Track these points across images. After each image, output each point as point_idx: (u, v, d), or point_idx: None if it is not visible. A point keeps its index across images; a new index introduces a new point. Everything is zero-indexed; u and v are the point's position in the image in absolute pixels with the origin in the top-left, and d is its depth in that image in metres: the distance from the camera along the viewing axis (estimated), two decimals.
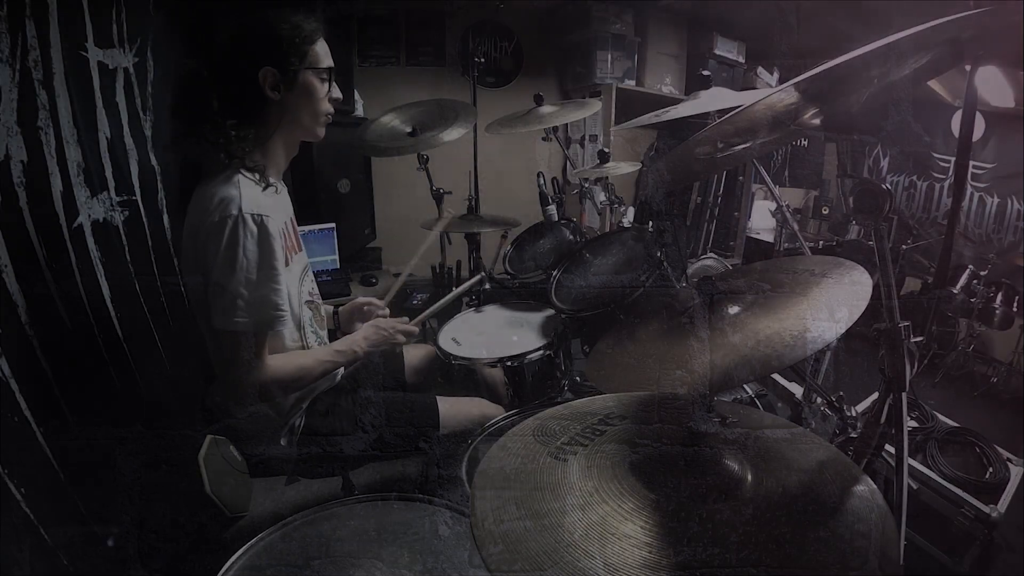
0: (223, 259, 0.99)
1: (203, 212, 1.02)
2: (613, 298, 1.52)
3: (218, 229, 0.99)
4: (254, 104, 1.08)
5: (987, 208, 4.01)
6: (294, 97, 1.11)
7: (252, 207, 1.01)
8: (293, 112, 1.12)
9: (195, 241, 1.04)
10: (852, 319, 0.80)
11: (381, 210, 3.07)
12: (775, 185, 4.07)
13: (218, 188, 1.02)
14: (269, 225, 1.02)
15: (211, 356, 1.10)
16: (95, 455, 1.13)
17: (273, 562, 0.85)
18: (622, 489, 0.60)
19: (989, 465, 1.64)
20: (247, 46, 1.07)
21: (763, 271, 1.12)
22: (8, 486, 0.88)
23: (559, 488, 0.61)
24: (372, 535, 0.90)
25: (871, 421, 0.84)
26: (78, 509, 1.05)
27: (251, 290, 1.01)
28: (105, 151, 1.40)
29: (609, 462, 0.64)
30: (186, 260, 1.11)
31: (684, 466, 0.62)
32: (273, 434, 1.17)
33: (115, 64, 1.48)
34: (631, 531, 0.54)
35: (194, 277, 1.07)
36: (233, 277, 1.00)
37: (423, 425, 1.30)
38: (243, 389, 1.07)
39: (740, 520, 0.56)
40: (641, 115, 1.67)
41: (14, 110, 1.05)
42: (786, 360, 0.79)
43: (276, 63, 1.06)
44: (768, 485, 0.61)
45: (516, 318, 1.79)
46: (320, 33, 1.12)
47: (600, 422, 0.74)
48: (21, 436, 0.95)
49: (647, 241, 1.58)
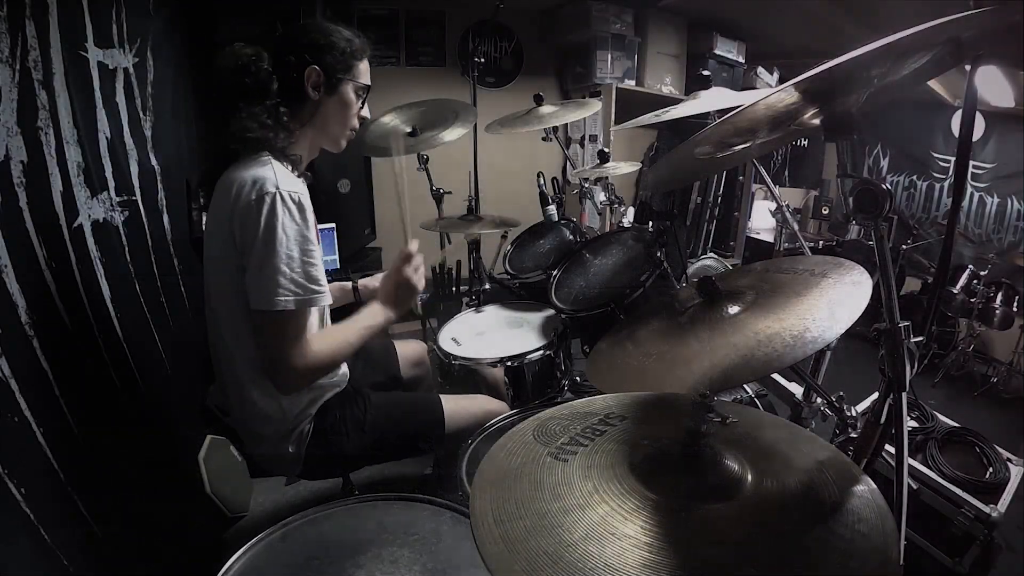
0: (263, 238, 0.99)
1: (236, 194, 1.01)
2: (613, 298, 1.52)
3: (256, 207, 0.99)
4: (294, 98, 1.12)
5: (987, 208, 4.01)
6: (331, 103, 1.16)
7: (288, 185, 1.02)
8: (326, 117, 1.17)
9: (227, 224, 1.03)
10: (852, 319, 0.80)
11: (381, 210, 3.08)
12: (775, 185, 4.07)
13: (252, 170, 1.02)
14: (304, 202, 1.03)
15: (255, 338, 1.06)
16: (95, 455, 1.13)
17: (273, 562, 0.85)
18: (622, 489, 0.60)
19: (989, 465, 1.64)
20: (303, 42, 1.11)
21: (763, 271, 1.13)
22: (8, 486, 0.88)
23: (559, 488, 0.61)
24: (372, 535, 0.89)
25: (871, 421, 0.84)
26: (78, 509, 1.05)
27: (292, 267, 1.00)
28: (105, 151, 1.40)
29: (609, 462, 0.64)
30: (213, 246, 1.09)
31: (684, 466, 0.62)
32: (280, 440, 1.16)
33: (115, 64, 1.48)
34: (631, 531, 0.54)
35: (223, 263, 1.06)
36: (274, 255, 0.98)
37: (428, 424, 1.30)
38: (290, 371, 1.03)
39: (740, 520, 0.56)
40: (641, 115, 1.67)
41: (14, 110, 1.05)
42: (786, 360, 0.79)
43: (324, 66, 1.12)
44: (768, 485, 0.61)
45: (516, 318, 1.79)
46: (368, 53, 1.19)
47: (600, 422, 0.74)
48: (21, 436, 0.95)
49: (647, 241, 1.58)
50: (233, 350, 1.11)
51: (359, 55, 1.17)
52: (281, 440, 1.16)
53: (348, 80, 1.16)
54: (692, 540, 0.54)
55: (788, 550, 0.54)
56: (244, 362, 1.11)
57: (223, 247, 1.05)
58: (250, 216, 0.99)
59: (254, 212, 0.98)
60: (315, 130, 1.18)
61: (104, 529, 1.10)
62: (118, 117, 1.49)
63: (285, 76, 1.10)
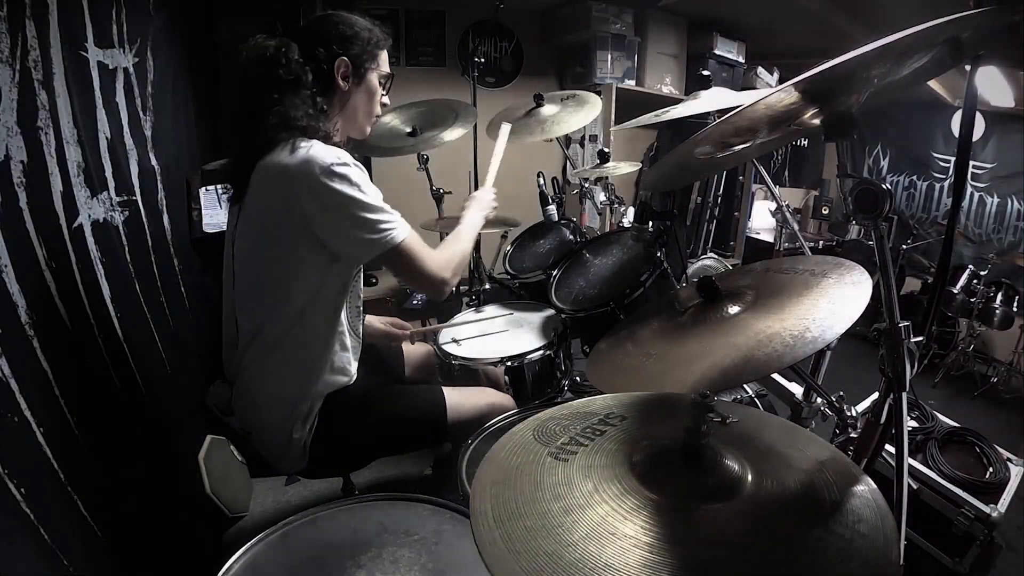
0: (349, 197, 1.05)
1: (296, 175, 1.03)
2: (613, 298, 1.52)
3: (328, 177, 1.03)
4: (325, 89, 1.16)
5: (987, 208, 4.01)
6: (359, 92, 1.21)
7: (341, 154, 1.07)
8: (355, 106, 1.22)
9: (284, 205, 1.06)
10: (852, 319, 0.80)
11: None
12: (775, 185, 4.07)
13: (300, 152, 1.05)
14: (355, 161, 1.09)
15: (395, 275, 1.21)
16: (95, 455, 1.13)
17: (273, 562, 0.85)
18: (622, 489, 0.60)
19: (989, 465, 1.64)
20: (331, 34, 1.16)
21: (763, 271, 1.13)
22: (8, 486, 0.88)
23: (559, 488, 0.61)
24: (372, 535, 0.89)
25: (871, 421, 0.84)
26: (78, 509, 1.05)
27: (384, 209, 1.10)
28: (105, 151, 1.40)
29: (609, 462, 0.64)
30: (256, 230, 1.13)
31: (684, 466, 0.62)
32: (285, 430, 1.17)
33: (115, 64, 1.48)
34: (631, 531, 0.54)
35: (273, 244, 1.11)
36: (366, 207, 1.07)
37: (431, 415, 1.29)
38: (436, 280, 1.18)
39: (740, 520, 0.56)
40: (641, 115, 1.67)
41: (14, 110, 1.04)
42: (786, 360, 0.79)
43: (351, 57, 1.17)
44: (768, 485, 0.61)
45: (516, 318, 1.79)
46: (389, 42, 1.24)
47: (600, 422, 0.74)
48: (21, 436, 0.95)
49: (647, 241, 1.58)
50: (253, 335, 1.16)
51: (382, 44, 1.22)
52: (286, 430, 1.17)
53: (373, 69, 1.21)
54: (692, 540, 0.54)
55: (788, 550, 0.54)
56: (265, 349, 1.15)
57: (274, 229, 1.09)
58: (326, 186, 1.03)
59: (332, 181, 1.03)
60: (344, 119, 1.23)
61: (104, 529, 1.10)
62: (118, 117, 1.49)
63: (316, 68, 1.13)
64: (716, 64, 3.55)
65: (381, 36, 1.22)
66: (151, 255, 1.61)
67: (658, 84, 3.58)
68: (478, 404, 1.35)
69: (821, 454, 0.67)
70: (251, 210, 1.13)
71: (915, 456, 1.65)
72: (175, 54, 1.91)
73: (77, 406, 1.09)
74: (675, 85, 3.64)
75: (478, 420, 1.31)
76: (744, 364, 0.82)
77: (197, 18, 2.11)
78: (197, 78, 2.09)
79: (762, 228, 4.24)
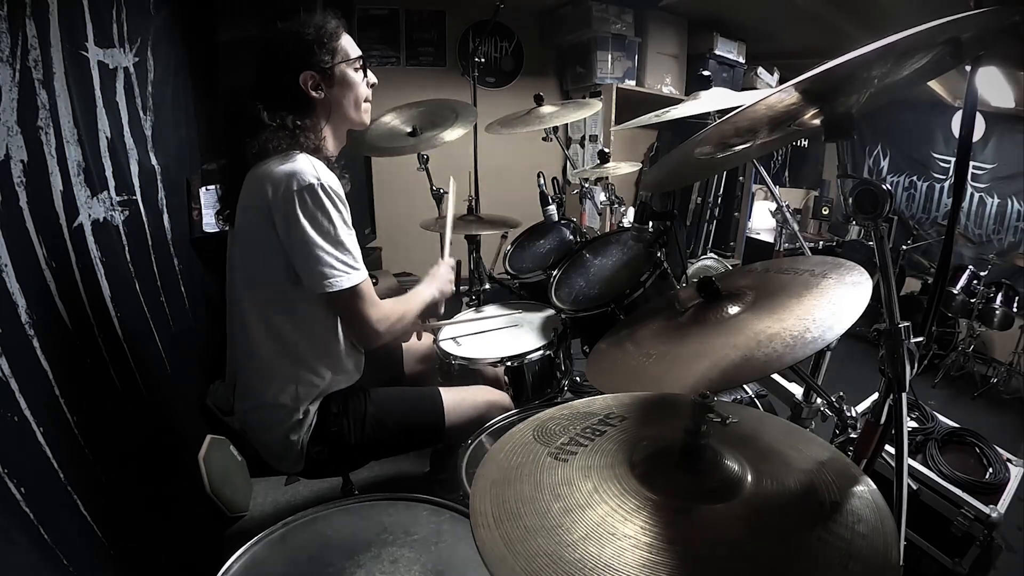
0: (310, 226, 1.04)
1: (275, 187, 1.04)
2: (613, 298, 1.52)
3: (298, 197, 1.03)
4: (303, 107, 1.15)
5: (987, 209, 4.01)
6: (336, 91, 1.19)
7: (326, 177, 1.07)
8: (338, 105, 1.20)
9: (266, 216, 1.06)
10: (852, 319, 0.80)
11: (381, 210, 3.07)
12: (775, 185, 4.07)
13: (287, 164, 1.05)
14: (340, 192, 1.09)
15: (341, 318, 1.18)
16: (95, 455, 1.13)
17: (273, 562, 0.85)
18: (622, 489, 0.60)
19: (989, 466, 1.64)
20: (281, 58, 1.13)
21: (763, 271, 1.13)
22: (8, 486, 0.88)
23: (559, 488, 0.61)
24: (372, 535, 0.90)
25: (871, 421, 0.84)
26: (78, 509, 1.05)
27: (341, 250, 1.08)
28: (105, 151, 1.40)
29: (609, 462, 0.64)
30: (245, 239, 1.14)
31: (684, 466, 0.62)
32: (285, 432, 1.17)
33: (115, 64, 1.48)
34: (631, 531, 0.54)
35: (257, 252, 1.12)
36: (323, 241, 1.06)
37: (429, 417, 1.30)
38: (371, 335, 1.17)
39: (740, 520, 0.56)
40: (641, 115, 1.67)
41: (14, 110, 1.04)
42: (786, 360, 0.79)
43: (313, 66, 1.14)
44: (768, 485, 0.61)
45: (516, 318, 1.79)
46: (343, 28, 1.20)
47: (600, 422, 0.74)
48: (21, 436, 0.95)
49: (647, 241, 1.58)
50: (255, 334, 1.15)
51: (336, 34, 1.17)
52: (286, 431, 1.17)
53: (339, 63, 1.17)
54: (692, 540, 0.54)
55: (788, 550, 0.54)
56: (267, 348, 1.15)
57: (259, 238, 1.09)
58: (290, 208, 1.03)
59: (299, 202, 1.03)
60: (335, 120, 1.22)
61: (104, 529, 1.10)
62: (118, 117, 1.49)
63: (286, 95, 1.12)
64: (716, 64, 3.55)
65: (332, 26, 1.16)
66: (151, 255, 1.61)
67: (658, 84, 3.58)
68: (476, 403, 1.35)
69: (821, 454, 0.67)
70: (241, 218, 1.14)
71: (915, 457, 1.65)
72: (175, 54, 1.91)
73: (77, 406, 1.09)
74: (675, 85, 3.64)
75: (476, 420, 1.31)
76: (744, 364, 0.82)
77: (197, 18, 2.11)
78: (197, 78, 2.09)
79: (762, 228, 4.24)
